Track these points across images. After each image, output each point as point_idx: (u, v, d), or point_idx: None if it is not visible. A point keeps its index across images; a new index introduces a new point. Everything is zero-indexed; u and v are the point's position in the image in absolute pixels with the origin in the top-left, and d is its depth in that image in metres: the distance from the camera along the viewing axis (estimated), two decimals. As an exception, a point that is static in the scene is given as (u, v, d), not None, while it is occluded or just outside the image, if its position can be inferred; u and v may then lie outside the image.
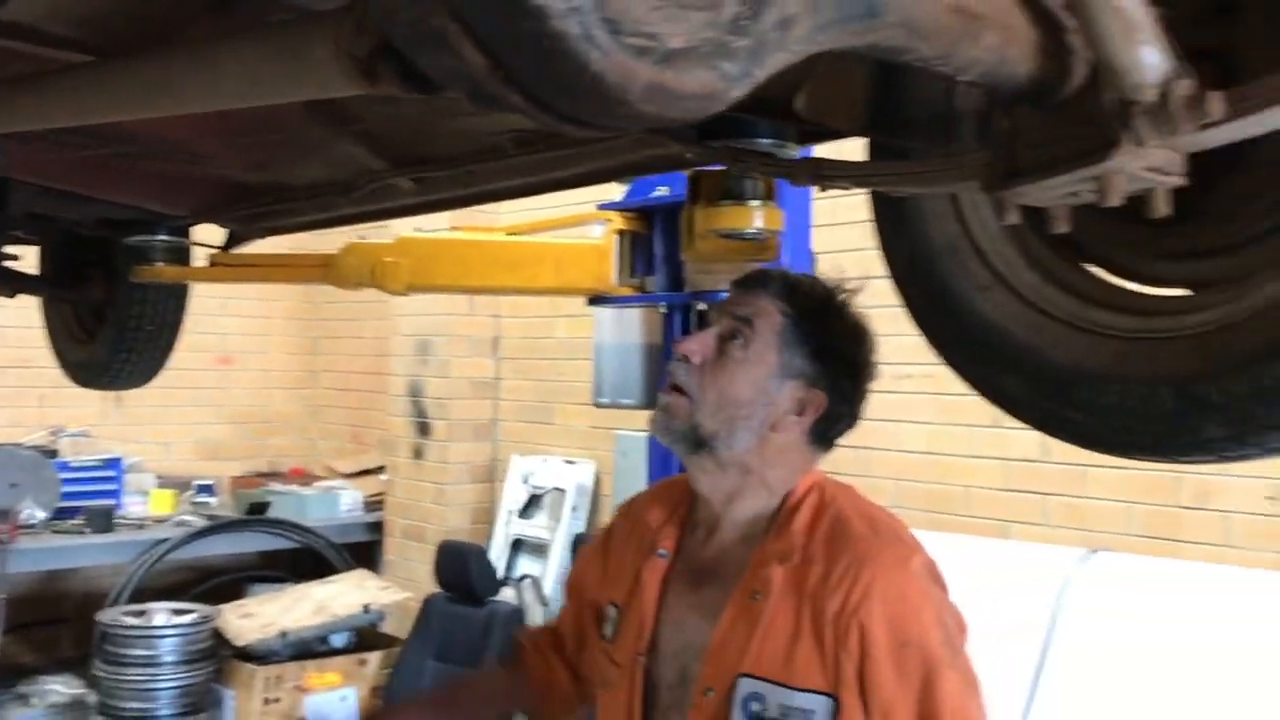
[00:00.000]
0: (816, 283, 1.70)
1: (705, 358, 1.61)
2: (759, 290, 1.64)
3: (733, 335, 1.61)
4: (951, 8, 0.92)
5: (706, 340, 1.62)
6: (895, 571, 1.52)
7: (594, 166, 1.97)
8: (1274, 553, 3.37)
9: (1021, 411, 1.35)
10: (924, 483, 4.18)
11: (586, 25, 0.68)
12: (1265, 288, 1.17)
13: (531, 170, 2.09)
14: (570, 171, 2.02)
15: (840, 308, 1.67)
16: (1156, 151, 1.02)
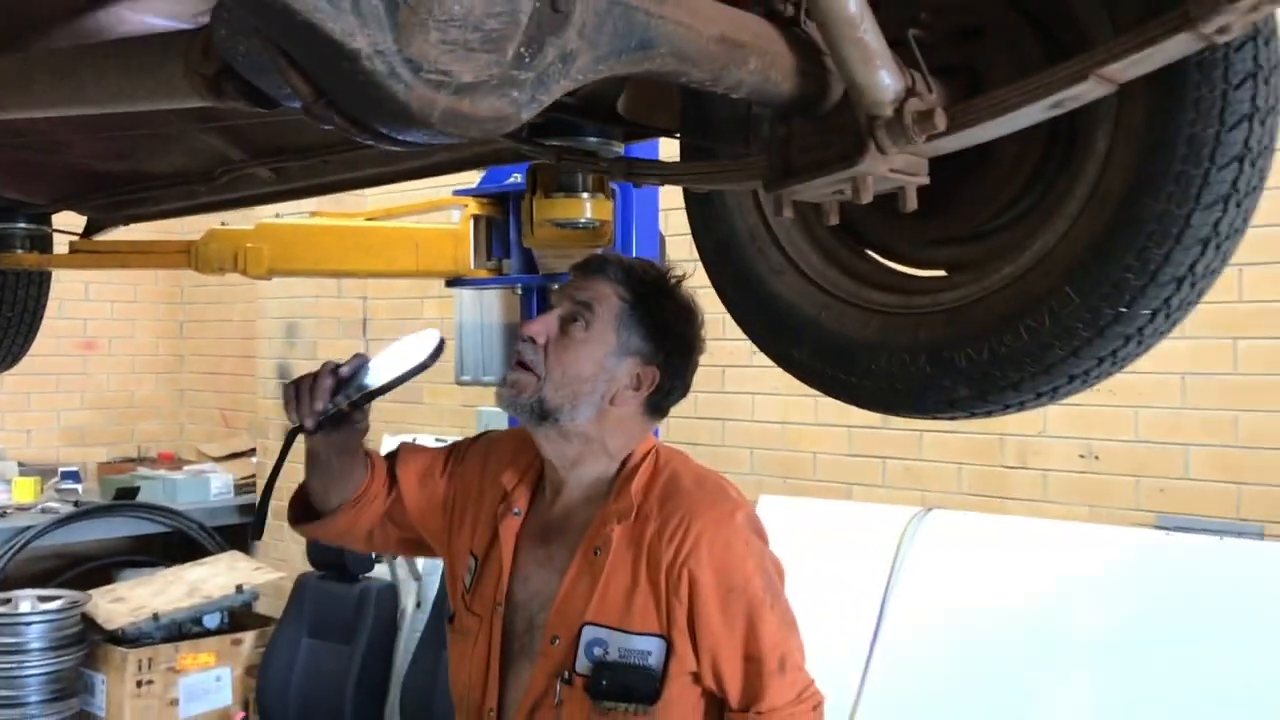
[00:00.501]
0: (650, 267, 1.86)
1: (549, 338, 1.75)
2: (598, 276, 1.79)
3: (574, 318, 1.76)
4: (717, 38, 1.10)
5: (550, 321, 1.77)
6: (722, 525, 1.70)
7: (443, 158, 2.12)
8: (1086, 506, 3.69)
9: (809, 378, 1.55)
10: (776, 450, 4.42)
11: (391, 65, 0.83)
12: (1003, 269, 1.38)
13: (384, 161, 2.21)
14: (421, 162, 2.16)
15: (671, 290, 1.83)
16: (899, 157, 1.22)
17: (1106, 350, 1.29)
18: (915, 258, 1.55)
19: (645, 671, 1.67)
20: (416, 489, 1.95)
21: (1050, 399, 1.38)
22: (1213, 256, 1.25)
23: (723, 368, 4.52)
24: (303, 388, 1.75)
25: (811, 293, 1.53)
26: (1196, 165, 1.21)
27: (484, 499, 1.90)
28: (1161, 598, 3.29)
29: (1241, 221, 1.26)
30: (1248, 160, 1.22)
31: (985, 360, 1.36)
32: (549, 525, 1.84)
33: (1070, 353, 1.30)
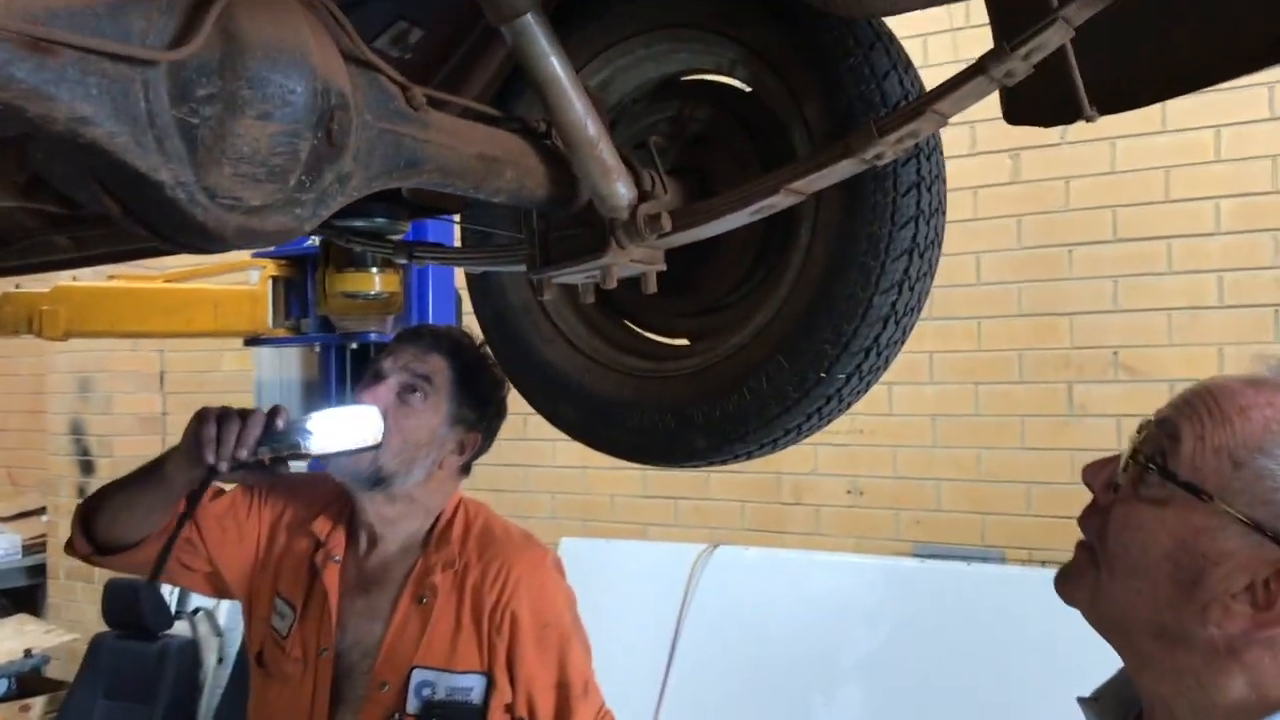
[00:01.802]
0: (471, 341, 2.03)
1: (386, 408, 1.86)
2: (433, 350, 1.96)
3: (413, 389, 1.92)
4: (476, 155, 1.30)
5: (387, 393, 1.89)
6: (536, 568, 1.92)
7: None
8: (853, 537, 4.04)
9: (576, 433, 1.77)
10: (576, 494, 4.64)
11: (191, 193, 1.00)
12: (731, 340, 1.63)
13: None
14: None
15: (486, 361, 1.99)
16: (638, 250, 1.45)
17: (813, 408, 1.55)
18: (663, 328, 1.79)
19: (469, 707, 1.83)
20: (216, 528, 2.00)
21: (772, 449, 1.63)
22: (893, 331, 1.53)
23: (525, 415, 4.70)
24: (227, 429, 1.69)
25: (577, 358, 1.75)
26: (875, 257, 1.48)
27: (294, 543, 2.00)
28: (919, 619, 3.65)
29: (916, 302, 1.54)
30: (916, 253, 1.51)
31: (718, 417, 1.60)
32: (366, 575, 1.97)
33: (784, 410, 1.55)
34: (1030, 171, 3.66)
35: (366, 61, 1.14)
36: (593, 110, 1.35)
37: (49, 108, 0.90)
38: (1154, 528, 0.94)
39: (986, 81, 1.22)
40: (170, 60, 0.96)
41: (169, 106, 0.97)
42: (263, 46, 1.00)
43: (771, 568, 4.02)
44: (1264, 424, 0.92)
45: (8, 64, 0.87)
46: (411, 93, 1.20)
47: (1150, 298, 3.52)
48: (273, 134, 1.01)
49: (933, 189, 1.52)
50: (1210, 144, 3.41)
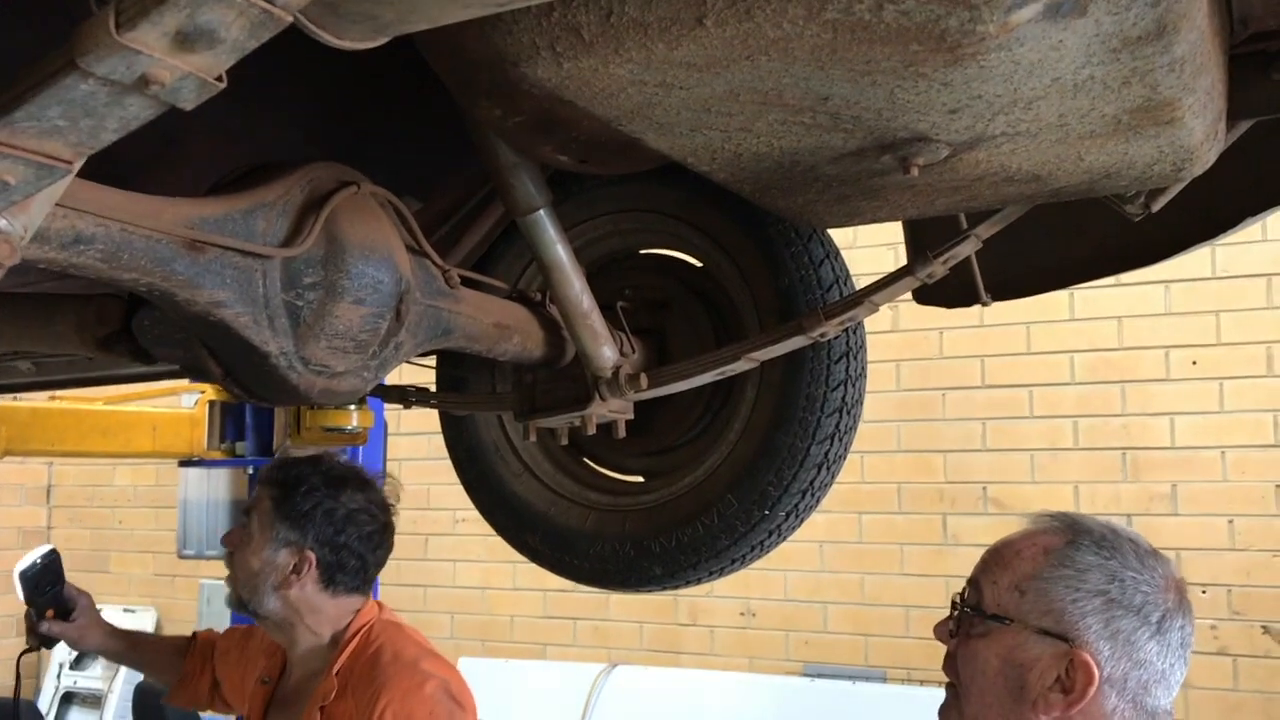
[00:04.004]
0: (299, 465, 2.10)
1: (232, 545, 2.06)
2: (259, 484, 2.10)
3: (243, 525, 2.07)
4: (493, 324, 1.54)
5: (234, 533, 2.08)
6: (407, 697, 1.88)
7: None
8: (746, 657, 4.27)
9: (540, 560, 1.97)
10: (476, 614, 4.76)
11: (290, 361, 1.21)
12: (685, 479, 1.88)
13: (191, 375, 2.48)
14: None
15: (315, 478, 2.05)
16: (614, 402, 1.69)
17: (756, 540, 1.80)
18: (620, 466, 2.03)
19: None
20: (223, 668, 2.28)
21: (720, 575, 1.87)
22: (826, 475, 1.80)
23: (425, 536, 4.85)
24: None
25: (543, 492, 1.97)
26: (812, 413, 1.76)
27: (254, 666, 2.19)
28: (808, 735, 3.88)
29: (844, 450, 1.82)
30: (845, 409, 1.79)
31: (674, 547, 1.83)
32: (286, 696, 2.12)
33: (732, 542, 1.80)
34: (908, 322, 4.06)
35: (421, 250, 1.38)
36: (587, 288, 1.61)
37: (195, 294, 1.11)
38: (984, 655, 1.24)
39: (913, 280, 1.52)
40: (285, 255, 1.18)
41: (280, 291, 1.19)
42: (359, 245, 1.23)
43: (668, 687, 4.21)
44: (1033, 558, 1.25)
45: (171, 260, 1.08)
46: (450, 274, 1.44)
47: (1015, 439, 3.92)
48: (363, 316, 1.23)
49: (858, 357, 1.82)
50: (1065, 305, 3.86)
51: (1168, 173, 1.22)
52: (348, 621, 2.05)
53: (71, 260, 1.00)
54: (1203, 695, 3.42)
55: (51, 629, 2.20)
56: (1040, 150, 1.14)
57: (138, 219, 1.04)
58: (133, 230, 1.04)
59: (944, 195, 1.33)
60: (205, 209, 1.13)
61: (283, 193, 1.21)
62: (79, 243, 0.99)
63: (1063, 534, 1.26)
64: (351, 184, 1.26)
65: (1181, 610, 1.23)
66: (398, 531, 4.93)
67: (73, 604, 2.24)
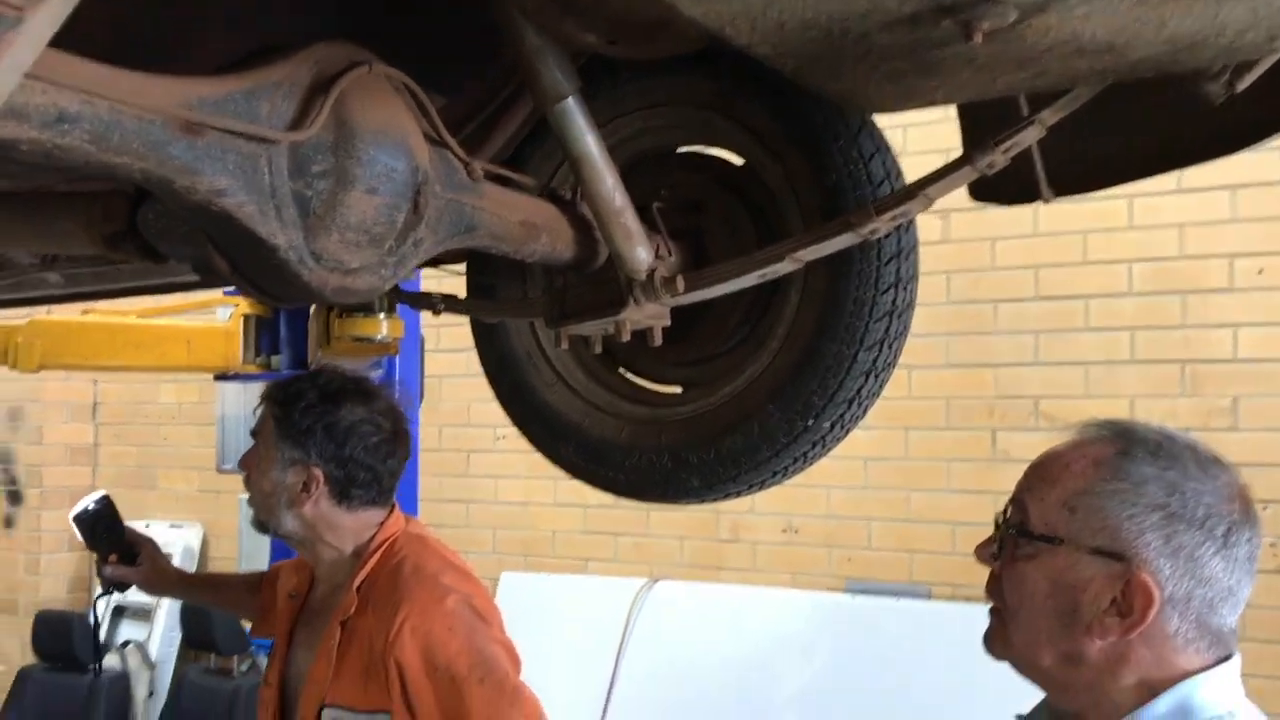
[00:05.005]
0: (296, 381, 2.06)
1: (247, 468, 2.04)
2: (263, 404, 2.05)
3: (255, 446, 2.04)
4: (519, 222, 1.46)
5: (248, 454, 2.05)
6: (427, 610, 1.85)
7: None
8: (788, 573, 4.22)
9: (575, 472, 1.91)
10: (517, 530, 4.75)
11: (301, 256, 1.14)
12: (724, 388, 1.79)
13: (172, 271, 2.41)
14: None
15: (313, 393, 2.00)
16: (650, 307, 1.61)
17: (799, 452, 1.72)
18: (655, 376, 1.95)
19: None
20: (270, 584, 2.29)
21: (760, 488, 1.79)
22: (873, 384, 1.71)
23: (467, 452, 4.83)
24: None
25: (577, 403, 1.90)
26: (859, 318, 1.66)
27: (280, 591, 2.18)
28: (851, 651, 3.84)
29: (893, 358, 1.73)
30: (895, 315, 1.69)
31: (712, 459, 1.76)
32: (312, 610, 2.10)
33: (773, 454, 1.72)
34: (959, 232, 3.92)
35: (440, 140, 1.29)
36: (620, 183, 1.52)
37: (194, 180, 1.04)
38: (1032, 578, 1.15)
39: (970, 171, 1.41)
40: (292, 140, 1.10)
41: (288, 180, 1.11)
42: (372, 130, 1.14)
43: (709, 603, 4.19)
44: (1083, 471, 1.15)
45: (166, 144, 1.00)
46: (472, 167, 1.35)
47: (1069, 352, 3.79)
48: (377, 206, 1.15)
49: (910, 259, 1.71)
50: (1124, 212, 3.71)
51: (1260, 42, 1.10)
52: (369, 535, 2.01)
53: (56, 141, 0.92)
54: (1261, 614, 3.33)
55: (115, 573, 2.22)
56: (1118, 13, 1.03)
57: (128, 97, 0.96)
58: (123, 109, 0.96)
59: (1007, 72, 1.22)
60: (203, 89, 1.05)
61: (288, 73, 1.12)
62: (62, 121, 0.91)
63: (1114, 443, 1.16)
64: (362, 64, 1.17)
65: (1248, 522, 1.13)
66: (439, 449, 4.92)
67: (136, 548, 2.24)
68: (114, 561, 2.21)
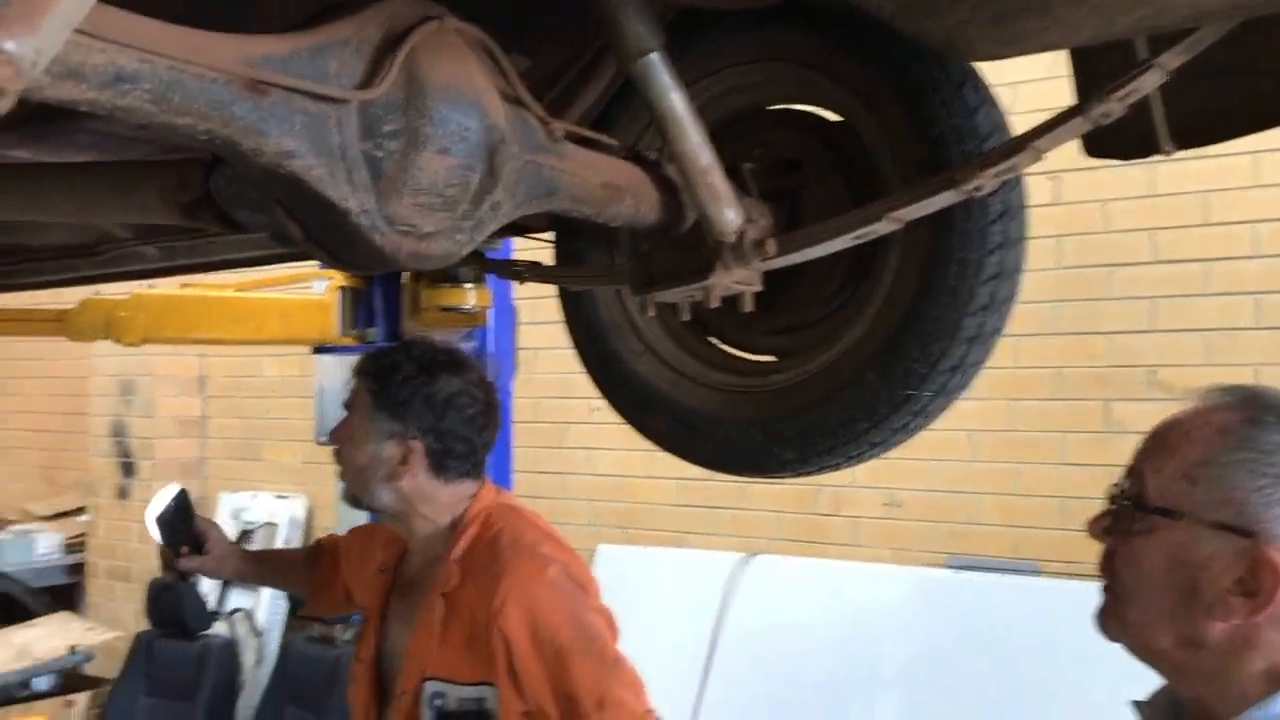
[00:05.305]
0: (391, 353, 2.04)
1: (339, 442, 2.02)
2: (355, 377, 2.03)
3: (345, 419, 2.02)
4: (601, 184, 1.40)
5: (339, 428, 2.03)
6: (529, 581, 1.85)
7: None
8: (890, 549, 4.12)
9: (664, 443, 1.86)
10: (613, 502, 4.73)
11: (373, 220, 1.10)
12: (820, 357, 1.72)
13: (264, 244, 2.42)
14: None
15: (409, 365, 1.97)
16: (739, 271, 1.54)
17: (899, 423, 1.64)
18: (747, 345, 1.88)
19: (481, 716, 1.87)
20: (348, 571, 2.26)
21: (857, 461, 1.72)
22: (978, 351, 1.62)
23: (563, 424, 4.81)
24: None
25: (665, 372, 1.84)
26: (963, 280, 1.57)
27: (371, 562, 2.16)
28: (955, 629, 3.73)
29: (999, 324, 1.63)
30: (1001, 277, 1.59)
31: (807, 430, 1.69)
32: (407, 584, 2.08)
33: (872, 425, 1.64)
34: (1070, 193, 3.75)
35: (518, 99, 1.24)
36: (707, 141, 1.45)
37: (260, 142, 1.00)
38: (1148, 555, 1.07)
39: (1084, 121, 1.31)
40: (361, 99, 1.06)
41: (358, 141, 1.07)
42: (443, 88, 1.09)
43: (809, 577, 4.10)
44: (1204, 440, 1.06)
45: (230, 103, 0.96)
46: (552, 127, 1.29)
47: (1187, 318, 3.60)
48: (450, 167, 1.10)
49: (1018, 218, 1.61)
50: (1248, 169, 3.50)
51: None
52: (464, 507, 2.00)
53: (115, 102, 0.89)
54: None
55: (188, 564, 2.23)
56: (1255, -64, 0.92)
57: (189, 55, 0.93)
58: (184, 68, 0.92)
59: (1126, 10, 1.11)
60: (268, 46, 1.01)
61: (357, 29, 1.08)
62: (121, 80, 0.88)
63: (1240, 410, 1.07)
64: (434, 19, 1.12)
65: None
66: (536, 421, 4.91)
67: (204, 537, 2.26)
68: (186, 553, 2.21)
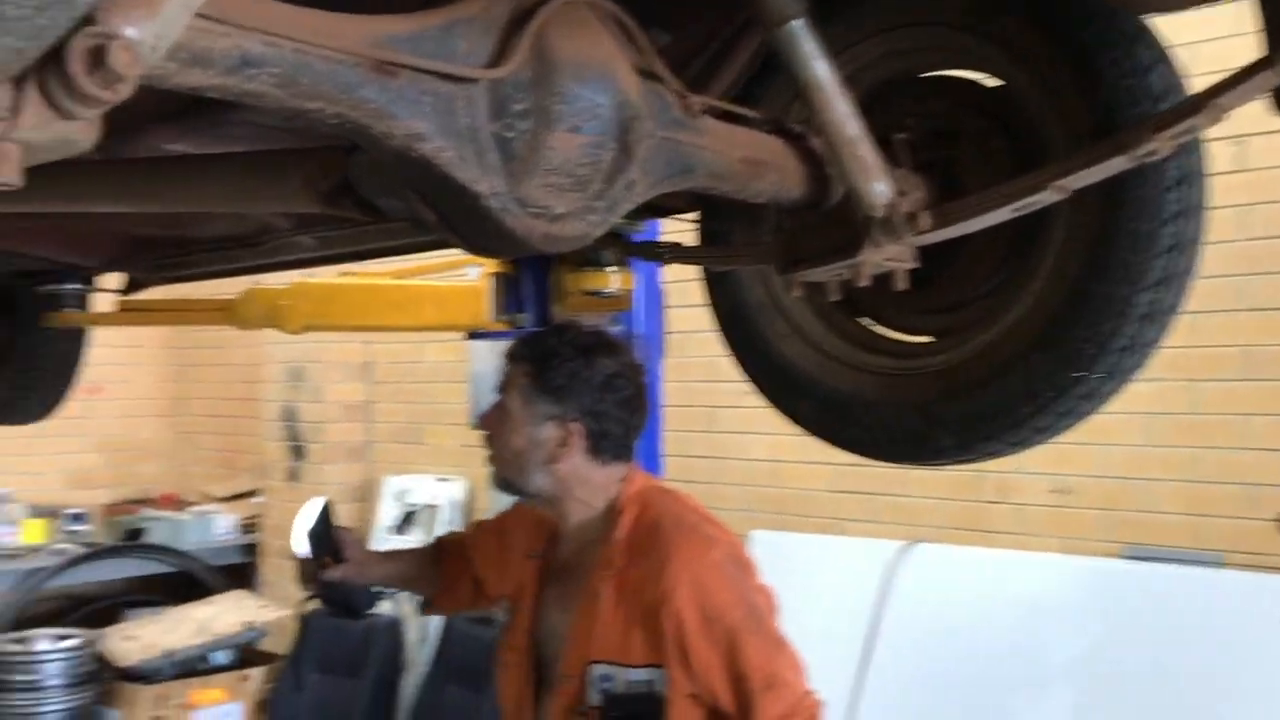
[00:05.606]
0: (547, 336, 2.04)
1: (490, 427, 2.02)
2: (509, 362, 2.02)
3: (499, 403, 2.01)
4: (742, 159, 1.34)
5: (490, 413, 2.03)
6: (697, 562, 1.86)
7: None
8: (1059, 538, 3.93)
9: (813, 429, 1.79)
10: (767, 487, 4.65)
11: (504, 203, 1.07)
12: (980, 337, 1.62)
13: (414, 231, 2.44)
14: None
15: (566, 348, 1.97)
16: (890, 247, 1.46)
17: (1066, 407, 1.54)
18: (901, 324, 1.79)
19: (650, 698, 1.86)
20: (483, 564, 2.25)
21: (1021, 447, 1.62)
22: (1153, 329, 1.50)
23: (714, 408, 4.77)
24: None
25: (814, 355, 1.77)
26: (1136, 254, 1.46)
27: (515, 549, 2.16)
28: (1130, 622, 3.53)
29: (1176, 299, 1.51)
30: (1179, 249, 1.47)
31: (965, 415, 1.60)
32: (561, 568, 2.07)
33: (1036, 410, 1.54)
34: (1257, 159, 3.49)
35: (653, 73, 1.19)
36: (854, 110, 1.37)
37: (390, 125, 0.98)
38: None
39: (1271, 76, 1.19)
40: (490, 78, 1.03)
41: (488, 121, 1.04)
42: (573, 64, 1.06)
43: (972, 567, 3.96)
44: None
45: (358, 86, 0.94)
46: (689, 102, 1.24)
47: (1393, 291, 3.32)
48: (581, 146, 1.07)
49: (1195, 185, 1.49)
50: None
51: None
52: (617, 490, 1.99)
53: (243, 87, 0.88)
54: None
55: (333, 575, 2.24)
56: None
57: (316, 38, 0.91)
58: (310, 51, 0.91)
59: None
60: (395, 26, 0.99)
61: (485, 6, 1.05)
62: (247, 65, 0.87)
63: None
64: (563, -8, 1.09)
65: None
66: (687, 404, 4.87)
67: (342, 545, 2.27)
68: (329, 564, 2.22)
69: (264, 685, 5.47)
